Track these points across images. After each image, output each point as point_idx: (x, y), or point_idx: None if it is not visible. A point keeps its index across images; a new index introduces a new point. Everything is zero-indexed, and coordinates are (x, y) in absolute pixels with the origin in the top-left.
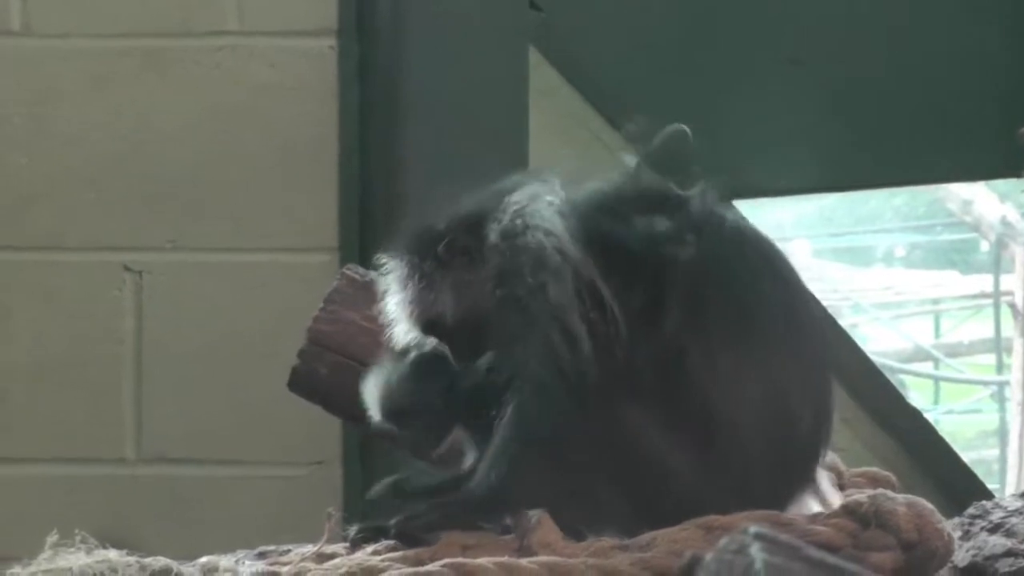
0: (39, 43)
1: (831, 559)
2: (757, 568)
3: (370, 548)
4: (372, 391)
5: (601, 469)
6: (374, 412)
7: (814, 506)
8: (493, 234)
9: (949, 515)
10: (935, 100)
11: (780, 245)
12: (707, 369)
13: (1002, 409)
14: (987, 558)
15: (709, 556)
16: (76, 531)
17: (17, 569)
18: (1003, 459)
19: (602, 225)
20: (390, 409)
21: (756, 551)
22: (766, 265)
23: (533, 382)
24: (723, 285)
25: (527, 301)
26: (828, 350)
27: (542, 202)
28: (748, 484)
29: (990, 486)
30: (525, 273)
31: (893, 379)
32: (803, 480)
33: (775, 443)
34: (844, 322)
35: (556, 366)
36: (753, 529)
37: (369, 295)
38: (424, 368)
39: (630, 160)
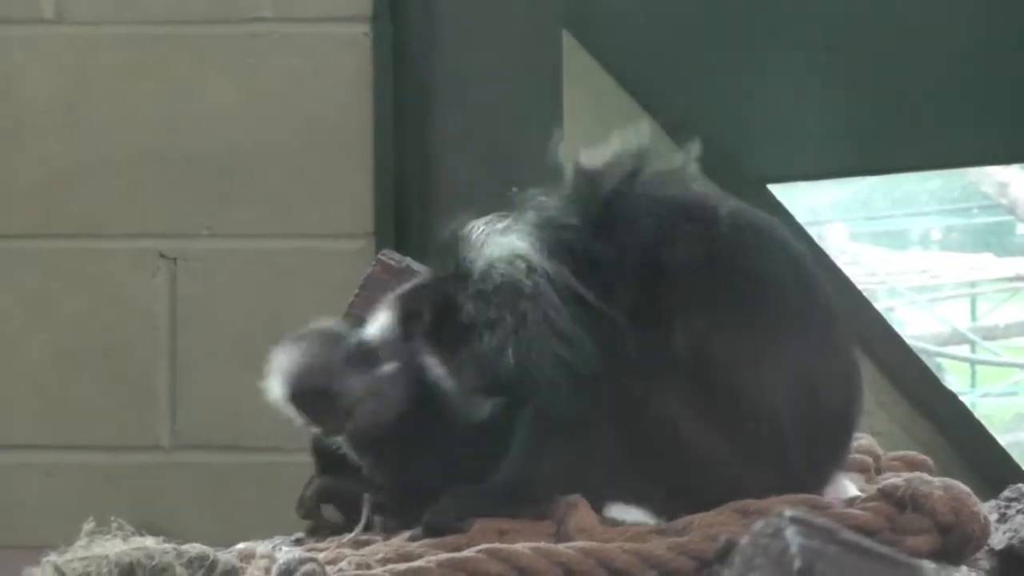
0: (73, 31)
1: (867, 542)
2: (792, 552)
3: (407, 534)
4: (283, 365)
5: (627, 456)
6: (278, 388)
7: (851, 489)
8: (468, 305)
9: (985, 498)
10: (970, 83)
11: (772, 220)
12: (727, 353)
13: None
14: (1023, 541)
15: (744, 540)
16: (112, 518)
17: (53, 557)
18: None
19: (572, 231)
20: (299, 387)
21: (791, 535)
22: (771, 244)
23: (544, 383)
24: (733, 267)
25: (514, 333)
26: (847, 326)
27: (496, 236)
28: (778, 467)
29: None
30: (503, 312)
31: (929, 362)
32: (834, 462)
33: (804, 425)
34: (880, 305)
35: (562, 366)
36: (789, 513)
37: (404, 280)
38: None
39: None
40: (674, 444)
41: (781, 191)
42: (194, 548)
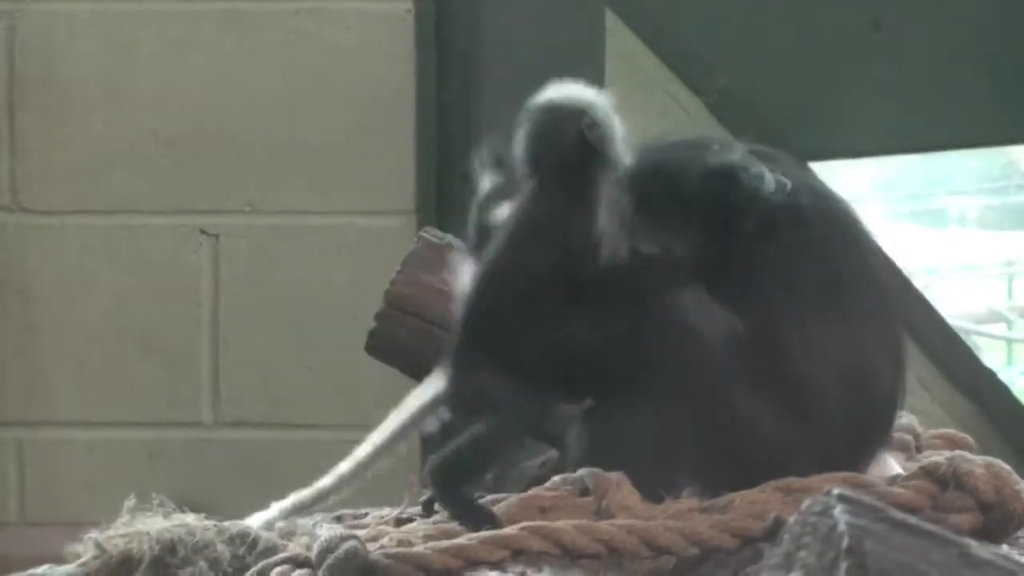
0: (117, 7)
1: (914, 520)
2: (841, 530)
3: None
4: None
5: (674, 434)
6: None
7: (895, 467)
8: None
9: None
10: (1011, 63)
11: (848, 202)
12: (790, 332)
13: None
14: None
15: (792, 518)
16: (154, 495)
17: (95, 533)
18: None
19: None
20: None
21: (839, 513)
22: (838, 226)
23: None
24: (800, 247)
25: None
26: (900, 307)
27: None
28: (830, 445)
29: None
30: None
31: (967, 341)
32: (882, 439)
33: (857, 403)
34: (918, 284)
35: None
36: (836, 491)
37: (446, 258)
38: None
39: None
40: (722, 421)
41: (822, 169)
42: (235, 525)
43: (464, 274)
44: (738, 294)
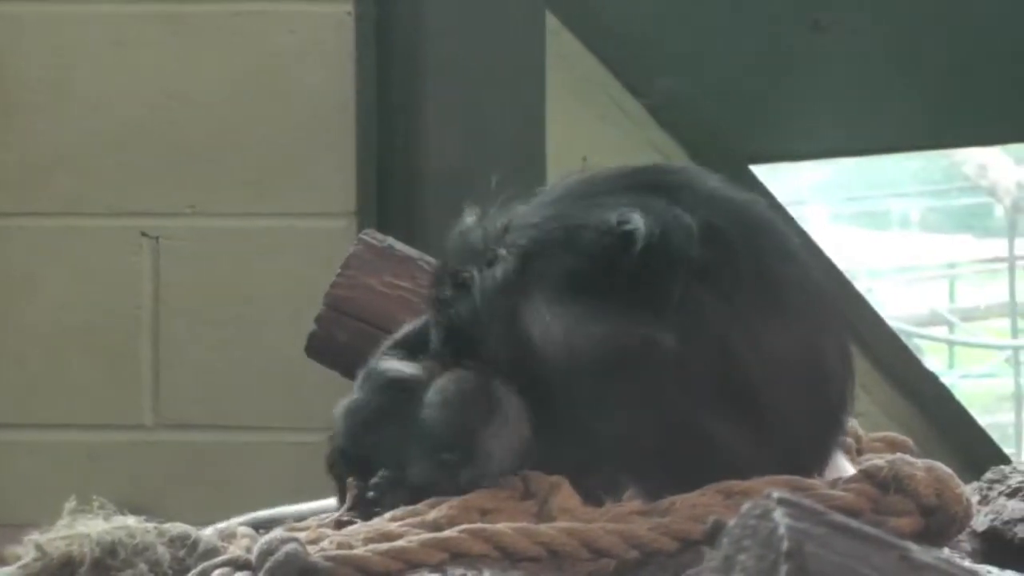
0: (60, 8)
1: (855, 524)
2: (780, 533)
3: (388, 515)
4: None
5: (623, 438)
6: None
7: (848, 468)
8: None
9: (966, 480)
10: (953, 66)
11: (769, 209)
12: (726, 335)
13: (1017, 373)
14: (1006, 522)
15: (732, 522)
16: (94, 497)
17: (35, 535)
18: (1019, 423)
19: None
20: None
21: (779, 516)
22: (765, 234)
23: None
24: (732, 262)
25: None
26: (840, 307)
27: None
28: (778, 449)
29: (1006, 450)
30: None
31: (908, 343)
32: (836, 441)
33: (810, 404)
34: (860, 286)
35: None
36: (777, 494)
37: (387, 260)
38: None
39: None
40: (675, 428)
41: (763, 172)
42: (176, 527)
43: None
44: (680, 312)
